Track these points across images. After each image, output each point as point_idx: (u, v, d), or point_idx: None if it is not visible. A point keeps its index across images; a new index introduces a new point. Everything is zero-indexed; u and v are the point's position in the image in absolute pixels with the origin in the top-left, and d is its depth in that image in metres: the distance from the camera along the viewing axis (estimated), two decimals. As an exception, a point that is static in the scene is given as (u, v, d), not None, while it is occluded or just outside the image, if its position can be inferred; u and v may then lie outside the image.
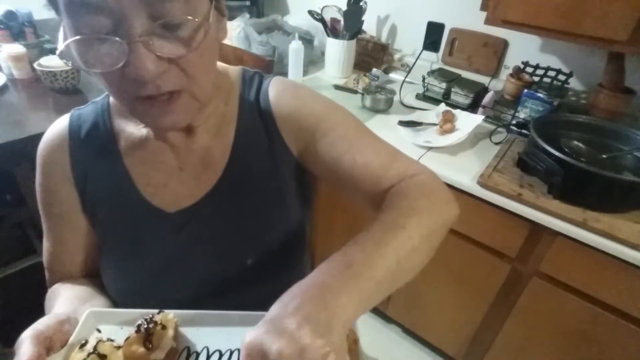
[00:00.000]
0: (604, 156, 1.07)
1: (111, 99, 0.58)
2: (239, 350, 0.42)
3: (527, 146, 1.15)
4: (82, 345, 0.40)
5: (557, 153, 0.99)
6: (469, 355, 1.45)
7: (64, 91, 1.46)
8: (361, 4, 1.66)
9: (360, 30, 1.76)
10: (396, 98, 1.55)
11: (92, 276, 0.62)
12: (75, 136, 0.55)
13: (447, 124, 1.33)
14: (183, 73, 0.41)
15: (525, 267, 1.16)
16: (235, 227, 0.56)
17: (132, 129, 0.55)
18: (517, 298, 1.20)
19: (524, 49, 1.49)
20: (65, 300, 0.54)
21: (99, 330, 0.45)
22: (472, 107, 1.51)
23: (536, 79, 1.41)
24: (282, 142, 0.56)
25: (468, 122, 1.32)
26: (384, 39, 1.85)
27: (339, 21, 1.70)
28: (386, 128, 1.38)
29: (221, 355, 0.43)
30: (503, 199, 1.08)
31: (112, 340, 0.41)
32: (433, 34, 1.60)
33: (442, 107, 1.45)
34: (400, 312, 1.62)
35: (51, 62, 1.44)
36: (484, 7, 1.26)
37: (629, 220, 0.98)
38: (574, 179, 0.99)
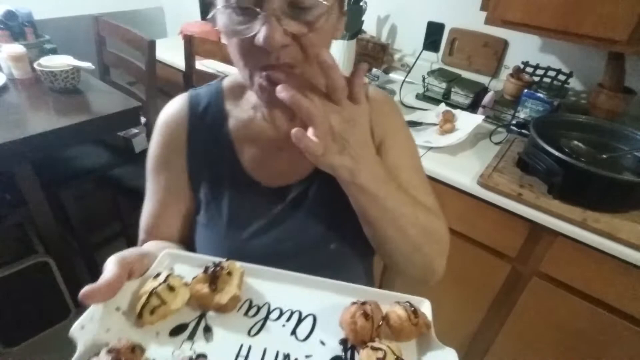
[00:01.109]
0: (604, 156, 1.07)
1: (224, 83, 0.65)
2: (300, 312, 0.43)
3: (527, 146, 1.15)
4: (156, 276, 0.42)
5: (557, 153, 0.99)
6: (469, 355, 1.45)
7: (64, 91, 1.46)
8: (361, 4, 1.66)
9: (360, 30, 1.76)
10: (396, 98, 1.55)
11: (185, 245, 0.66)
12: (193, 114, 0.62)
13: (447, 124, 1.33)
14: (302, 51, 0.47)
15: (525, 267, 1.16)
16: (322, 213, 0.61)
17: (240, 111, 0.62)
18: (517, 298, 1.20)
19: (524, 49, 1.49)
20: (152, 245, 0.61)
21: (172, 270, 0.48)
22: (472, 107, 1.51)
23: (536, 79, 1.41)
24: (372, 133, 0.63)
25: (468, 122, 1.32)
26: (384, 39, 1.85)
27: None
28: (386, 128, 1.38)
29: (281, 313, 0.43)
30: (503, 199, 1.08)
31: (182, 277, 0.44)
32: (433, 34, 1.60)
33: (442, 107, 1.45)
34: (400, 312, 1.61)
35: (51, 62, 1.44)
36: (484, 7, 1.26)
37: (629, 220, 0.98)
38: (574, 179, 0.99)
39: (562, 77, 1.35)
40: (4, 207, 1.56)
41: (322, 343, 0.40)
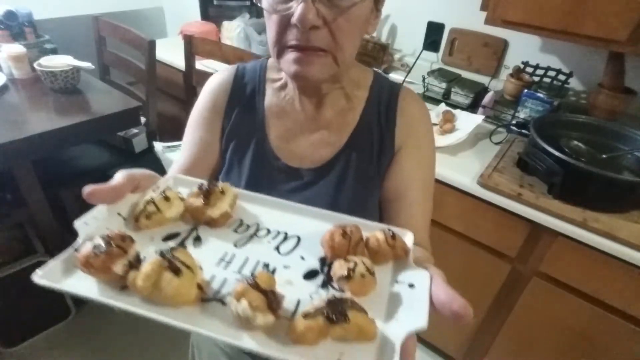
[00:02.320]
0: (604, 156, 1.07)
1: (269, 60, 0.69)
2: (286, 233, 0.45)
3: (527, 146, 1.15)
4: (155, 189, 0.45)
5: (557, 153, 0.99)
6: (469, 355, 1.45)
7: (64, 91, 1.46)
8: (361, 4, 1.66)
9: (360, 30, 1.76)
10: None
11: None
12: (237, 83, 0.67)
13: (447, 124, 1.33)
14: (331, 36, 0.51)
15: (525, 267, 1.16)
16: (330, 203, 0.63)
17: (276, 89, 0.66)
18: (517, 298, 1.20)
19: (524, 49, 1.49)
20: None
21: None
22: (472, 107, 1.51)
23: (536, 79, 1.41)
24: (392, 136, 0.64)
25: (468, 122, 1.32)
26: (384, 39, 1.85)
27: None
28: (386, 128, 1.38)
29: (268, 232, 0.46)
30: (503, 199, 1.08)
31: (179, 193, 0.47)
32: (433, 34, 1.60)
33: (442, 107, 1.45)
34: (400, 312, 1.62)
35: (51, 62, 1.44)
36: (484, 7, 1.26)
37: (629, 220, 0.98)
38: (574, 179, 0.99)
39: (562, 77, 1.35)
40: (4, 207, 1.56)
41: (302, 258, 0.42)
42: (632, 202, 1.01)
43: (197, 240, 0.44)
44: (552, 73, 1.37)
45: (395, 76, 1.80)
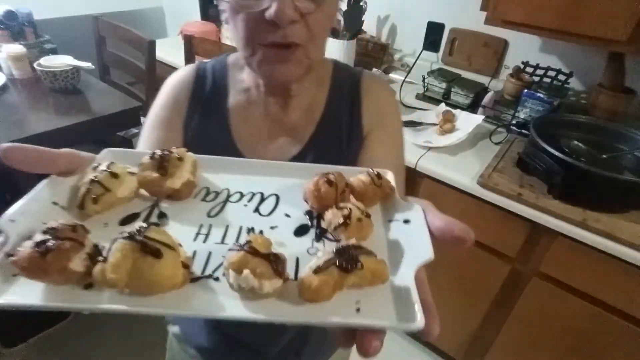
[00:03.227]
0: (604, 156, 1.07)
1: (229, 59, 0.65)
2: (262, 193, 0.42)
3: (527, 146, 1.15)
4: (95, 168, 0.38)
5: (557, 153, 0.99)
6: (469, 355, 1.45)
7: (64, 91, 1.46)
8: (361, 4, 1.66)
9: (360, 30, 1.76)
10: (396, 98, 1.55)
11: None
12: (198, 82, 0.64)
13: (447, 124, 1.33)
14: (307, 29, 0.48)
15: (525, 267, 1.16)
16: None
17: (239, 90, 0.63)
18: (517, 298, 1.20)
19: (524, 49, 1.49)
20: None
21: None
22: (472, 107, 1.51)
23: (536, 79, 1.41)
24: (359, 122, 0.63)
25: (468, 122, 1.32)
26: (384, 39, 1.85)
27: (339, 21, 1.70)
28: (386, 128, 1.38)
29: (242, 196, 0.42)
30: (503, 199, 1.08)
31: (126, 167, 0.40)
32: (433, 34, 1.60)
33: (442, 107, 1.45)
34: (400, 312, 1.61)
35: (51, 62, 1.44)
36: (484, 7, 1.26)
37: (629, 220, 0.98)
38: (574, 179, 0.99)
39: (562, 77, 1.35)
40: (4, 207, 1.56)
41: (287, 216, 0.39)
42: (632, 202, 1.01)
43: (163, 217, 0.38)
44: (552, 73, 1.37)
45: (395, 76, 1.80)
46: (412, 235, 0.35)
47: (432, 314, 0.28)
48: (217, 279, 0.31)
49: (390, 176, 0.43)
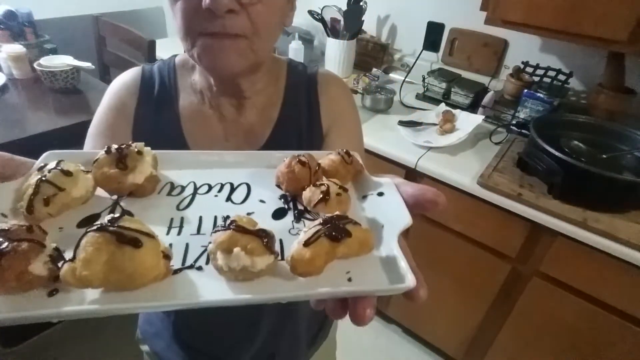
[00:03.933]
0: (604, 156, 1.07)
1: (177, 60, 0.63)
2: (231, 183, 0.40)
3: (527, 146, 1.15)
4: (41, 169, 0.34)
5: (557, 153, 0.99)
6: (469, 355, 1.45)
7: (64, 91, 1.46)
8: (361, 4, 1.66)
9: (360, 30, 1.76)
10: (396, 98, 1.55)
11: None
12: (145, 85, 0.60)
13: (447, 124, 1.33)
14: (249, 21, 0.47)
15: (525, 267, 1.16)
16: None
17: (190, 93, 0.60)
18: (517, 298, 1.20)
19: (524, 49, 1.49)
20: None
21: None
22: (472, 107, 1.51)
23: (536, 79, 1.41)
24: (318, 121, 0.62)
25: (468, 122, 1.32)
26: (384, 39, 1.85)
27: (339, 21, 1.70)
28: (386, 128, 1.38)
29: (210, 187, 0.40)
30: (503, 199, 1.08)
31: (78, 165, 0.36)
32: (433, 34, 1.59)
33: (442, 107, 1.45)
34: (400, 312, 1.62)
35: (51, 62, 1.44)
36: (484, 7, 1.26)
37: (629, 220, 0.98)
38: (574, 179, 0.99)
39: (562, 77, 1.35)
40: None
41: (262, 201, 0.39)
42: (632, 202, 1.01)
43: (127, 215, 0.36)
44: (552, 73, 1.37)
45: (395, 76, 1.80)
46: (388, 206, 0.36)
47: (419, 277, 0.28)
48: (200, 268, 0.30)
49: (357, 156, 0.43)
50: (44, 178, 0.32)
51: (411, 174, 1.26)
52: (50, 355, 1.52)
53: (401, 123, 1.36)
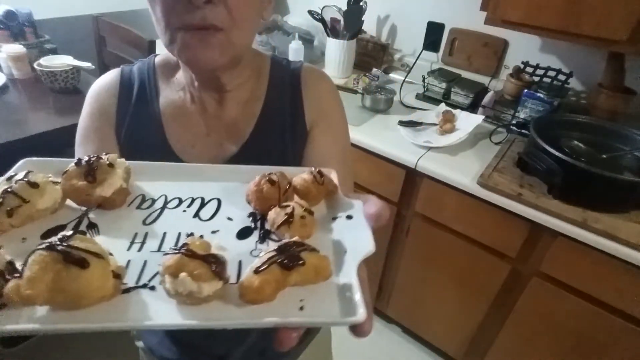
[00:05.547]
0: (604, 156, 1.07)
1: (157, 60, 0.63)
2: (202, 198, 0.40)
3: (527, 146, 1.15)
4: (9, 178, 0.34)
5: (557, 153, 0.99)
6: (469, 355, 1.45)
7: (64, 91, 1.46)
8: (361, 4, 1.66)
9: (360, 30, 1.76)
10: (396, 98, 1.55)
11: None
12: (124, 86, 0.60)
13: (447, 124, 1.33)
14: (228, 13, 0.47)
15: (525, 267, 1.16)
16: None
17: (171, 91, 0.61)
18: (517, 298, 1.20)
19: (524, 49, 1.49)
20: None
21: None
22: (472, 107, 1.51)
23: (536, 79, 1.41)
24: (302, 117, 0.61)
25: (468, 122, 1.32)
26: (384, 39, 1.85)
27: (339, 21, 1.70)
28: (386, 128, 1.38)
29: (181, 202, 0.40)
30: (503, 199, 1.08)
31: (48, 176, 0.36)
32: (433, 34, 1.60)
33: (442, 107, 1.45)
34: (400, 312, 1.62)
35: (51, 62, 1.44)
36: (484, 7, 1.26)
37: (629, 220, 0.98)
38: (574, 179, 0.99)
39: (562, 77, 1.35)
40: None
41: (230, 219, 0.39)
42: (632, 202, 1.01)
43: (92, 227, 0.35)
44: (552, 73, 1.37)
45: (395, 76, 1.80)
46: (354, 230, 0.36)
47: (370, 311, 0.28)
48: (153, 287, 0.30)
49: (333, 175, 0.43)
50: (9, 189, 0.32)
51: (411, 174, 1.26)
52: (50, 355, 1.52)
53: (401, 123, 1.36)
